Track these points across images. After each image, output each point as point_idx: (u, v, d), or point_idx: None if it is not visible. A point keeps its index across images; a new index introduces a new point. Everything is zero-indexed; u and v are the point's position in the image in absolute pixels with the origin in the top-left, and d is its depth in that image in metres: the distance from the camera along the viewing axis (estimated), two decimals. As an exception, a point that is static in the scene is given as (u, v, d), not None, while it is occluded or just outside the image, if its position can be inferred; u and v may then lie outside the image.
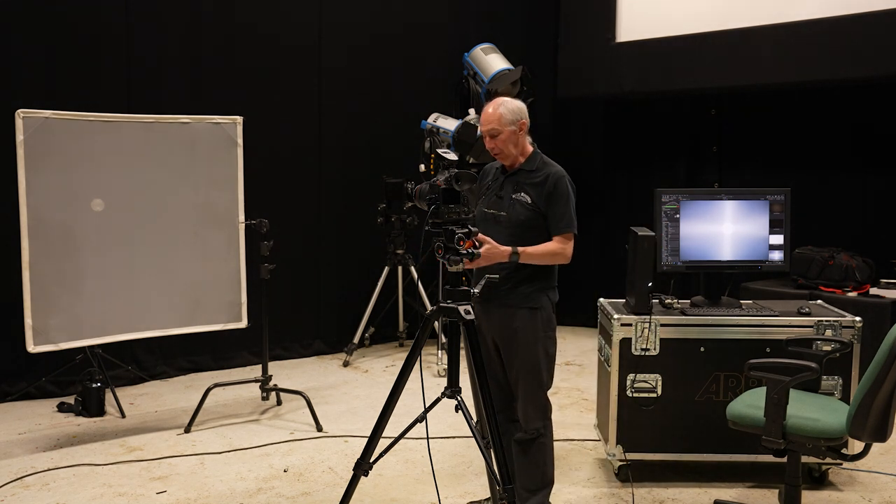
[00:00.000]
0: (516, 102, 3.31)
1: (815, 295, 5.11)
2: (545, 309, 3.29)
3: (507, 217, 3.25)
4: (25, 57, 5.13)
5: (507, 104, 3.27)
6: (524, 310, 3.25)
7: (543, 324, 3.28)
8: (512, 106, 3.27)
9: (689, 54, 6.20)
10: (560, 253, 3.24)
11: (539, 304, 3.27)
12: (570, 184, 3.27)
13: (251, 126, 5.00)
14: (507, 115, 3.24)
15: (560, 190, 3.22)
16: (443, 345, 5.97)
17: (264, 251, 4.76)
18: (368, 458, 3.00)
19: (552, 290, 3.35)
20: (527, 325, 3.24)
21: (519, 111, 3.27)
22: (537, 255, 3.20)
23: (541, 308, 3.28)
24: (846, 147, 6.08)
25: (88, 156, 4.32)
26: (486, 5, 7.15)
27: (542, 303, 3.29)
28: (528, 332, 3.24)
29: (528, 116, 3.32)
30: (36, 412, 4.97)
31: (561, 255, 3.25)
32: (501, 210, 3.26)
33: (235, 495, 3.76)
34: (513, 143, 3.25)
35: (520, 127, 3.26)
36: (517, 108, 3.27)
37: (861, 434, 2.94)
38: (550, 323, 3.32)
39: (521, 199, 3.24)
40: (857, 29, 5.41)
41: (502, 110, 3.24)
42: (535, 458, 3.31)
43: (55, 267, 4.24)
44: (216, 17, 5.85)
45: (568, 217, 3.24)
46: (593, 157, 7.43)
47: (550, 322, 3.32)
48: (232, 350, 5.98)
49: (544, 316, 3.29)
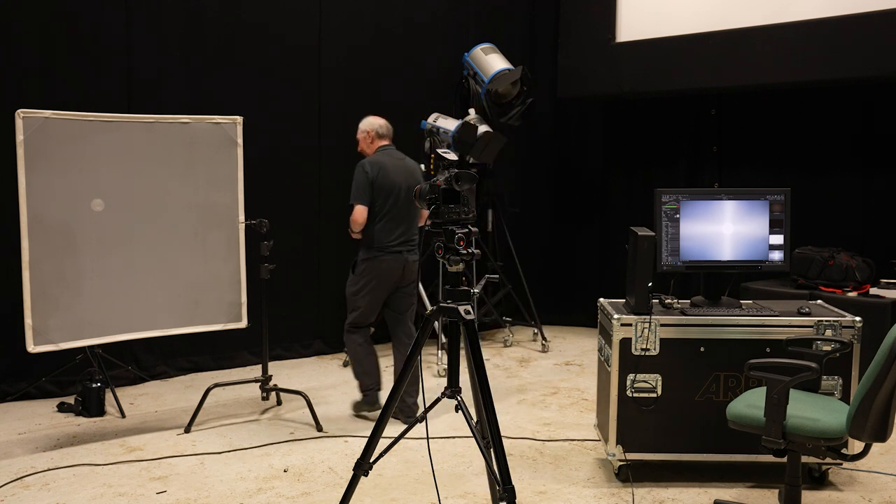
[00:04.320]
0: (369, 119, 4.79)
1: (815, 295, 5.11)
2: (361, 261, 4.68)
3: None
4: (25, 57, 5.13)
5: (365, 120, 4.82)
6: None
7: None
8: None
9: (689, 54, 6.20)
10: (351, 219, 4.62)
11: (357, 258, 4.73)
12: (361, 168, 4.62)
13: (251, 126, 5.01)
14: (361, 125, 4.82)
15: (355, 173, 4.63)
16: (443, 345, 5.97)
17: (264, 251, 4.76)
18: (368, 458, 3.00)
19: (364, 248, 4.68)
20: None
21: (367, 124, 4.81)
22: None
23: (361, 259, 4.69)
24: (846, 147, 6.08)
25: (88, 156, 4.32)
26: (486, 5, 7.15)
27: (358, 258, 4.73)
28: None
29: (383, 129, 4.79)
30: (36, 412, 4.97)
31: (351, 221, 4.63)
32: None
33: (235, 495, 3.76)
34: (365, 145, 4.80)
35: (367, 133, 4.79)
36: (367, 122, 4.81)
37: (861, 434, 2.94)
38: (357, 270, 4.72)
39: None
40: (857, 29, 5.41)
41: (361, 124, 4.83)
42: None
43: (55, 267, 4.24)
44: (216, 17, 5.85)
45: (352, 192, 4.61)
46: (593, 157, 7.44)
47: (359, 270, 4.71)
48: (232, 350, 5.99)
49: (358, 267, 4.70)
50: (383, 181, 4.59)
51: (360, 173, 4.58)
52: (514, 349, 6.63)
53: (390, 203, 4.62)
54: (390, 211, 4.62)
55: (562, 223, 7.54)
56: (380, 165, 4.61)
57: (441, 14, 6.93)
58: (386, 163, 4.65)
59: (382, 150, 4.74)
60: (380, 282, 4.66)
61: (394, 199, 4.62)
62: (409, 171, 4.75)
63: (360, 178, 4.56)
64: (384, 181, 4.59)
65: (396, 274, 4.66)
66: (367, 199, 4.56)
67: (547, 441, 4.47)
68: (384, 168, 4.62)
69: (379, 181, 4.58)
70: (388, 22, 6.64)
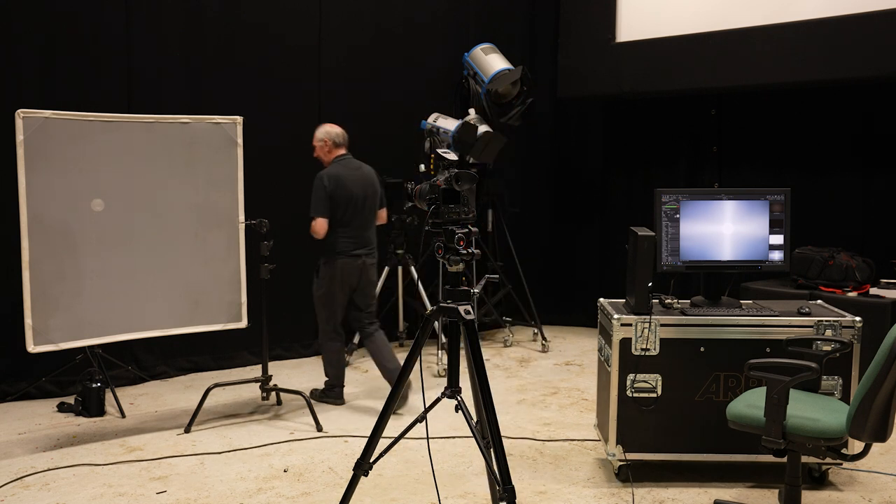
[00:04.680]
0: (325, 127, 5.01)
1: (815, 295, 5.11)
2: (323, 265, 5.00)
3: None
4: (25, 57, 5.13)
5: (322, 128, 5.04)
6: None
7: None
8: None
9: (689, 54, 6.20)
10: (312, 230, 4.90)
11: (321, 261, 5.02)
12: (320, 181, 4.86)
13: (251, 126, 5.01)
14: (318, 134, 5.02)
15: (313, 186, 4.87)
16: (443, 345, 5.97)
17: (264, 251, 4.76)
18: (368, 458, 3.00)
19: (326, 254, 4.97)
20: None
21: (324, 133, 5.00)
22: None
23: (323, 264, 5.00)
24: (846, 147, 6.08)
25: (88, 156, 4.32)
26: (486, 5, 7.14)
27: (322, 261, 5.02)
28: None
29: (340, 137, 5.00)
30: (36, 412, 4.97)
31: (312, 232, 4.89)
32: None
33: (235, 495, 3.76)
34: (322, 153, 5.03)
35: (325, 143, 4.99)
36: (324, 131, 5.02)
37: (861, 434, 2.94)
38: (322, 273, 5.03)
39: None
40: (857, 29, 5.41)
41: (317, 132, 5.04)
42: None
43: (55, 267, 4.24)
44: (216, 17, 5.85)
45: (312, 206, 4.86)
46: (593, 157, 7.44)
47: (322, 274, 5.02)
48: (232, 350, 5.99)
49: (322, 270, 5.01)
50: (341, 193, 4.89)
51: (319, 187, 4.85)
52: (514, 349, 6.64)
53: (349, 213, 4.92)
54: (349, 219, 4.94)
55: (562, 223, 7.54)
56: (337, 178, 4.89)
57: (441, 14, 6.93)
58: (343, 174, 4.93)
59: (340, 160, 4.99)
60: (342, 283, 4.99)
61: (352, 208, 4.93)
62: (367, 178, 5.04)
63: (320, 191, 4.85)
64: (342, 193, 4.89)
65: (355, 276, 5.00)
66: (326, 212, 4.86)
67: (547, 441, 4.47)
68: (341, 180, 4.90)
69: (337, 193, 4.87)
70: (388, 22, 6.64)
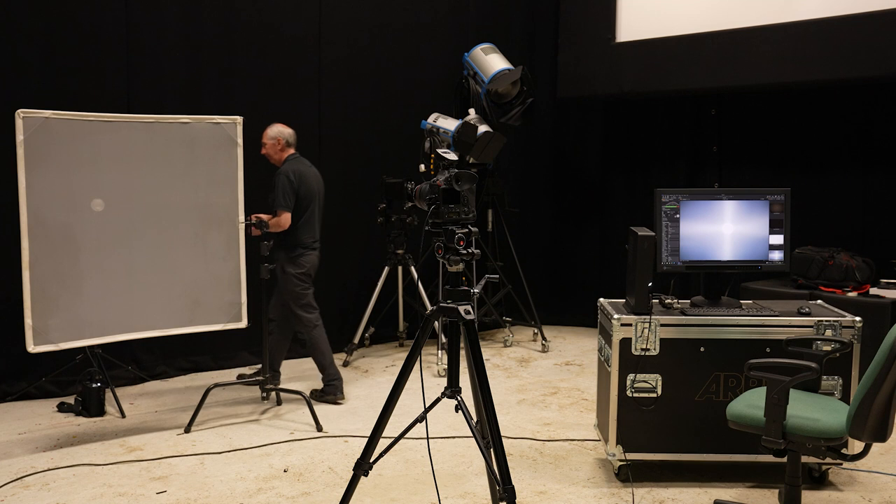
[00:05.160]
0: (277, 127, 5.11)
1: (815, 295, 5.11)
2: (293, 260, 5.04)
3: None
4: (25, 57, 5.13)
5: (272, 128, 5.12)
6: (283, 259, 5.02)
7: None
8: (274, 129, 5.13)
9: (689, 54, 6.20)
10: (275, 223, 4.90)
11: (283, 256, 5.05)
12: (286, 177, 4.94)
13: (251, 126, 5.01)
14: (270, 132, 5.09)
15: (279, 181, 4.93)
16: (443, 345, 5.97)
17: (264, 251, 4.76)
18: (368, 458, 3.01)
19: (289, 248, 5.02)
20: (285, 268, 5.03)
21: (277, 132, 5.09)
22: (271, 224, 4.90)
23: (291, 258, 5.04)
24: (846, 147, 6.08)
25: (88, 156, 4.32)
26: (486, 5, 7.15)
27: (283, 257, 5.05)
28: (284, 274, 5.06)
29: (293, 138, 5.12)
30: (36, 412, 4.97)
31: (276, 225, 4.89)
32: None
33: (235, 495, 3.77)
34: (273, 152, 5.11)
35: (277, 141, 5.07)
36: (277, 130, 5.10)
37: (861, 434, 2.94)
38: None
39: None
40: (857, 29, 5.41)
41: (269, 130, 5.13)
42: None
43: (55, 267, 4.23)
44: (216, 16, 5.85)
45: (279, 199, 4.91)
46: (593, 156, 7.44)
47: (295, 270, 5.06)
48: (232, 350, 5.98)
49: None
50: (305, 189, 5.03)
51: (286, 182, 4.96)
52: (514, 349, 6.63)
53: (311, 208, 5.07)
54: (310, 214, 5.08)
55: (562, 223, 7.54)
56: (300, 174, 5.04)
57: (441, 14, 6.93)
58: (304, 171, 5.09)
59: (295, 158, 5.12)
60: (313, 272, 5.15)
61: (313, 204, 5.09)
62: (319, 177, 5.22)
63: (287, 186, 4.95)
64: (306, 189, 5.04)
65: (317, 267, 5.17)
66: (291, 206, 4.96)
67: (547, 441, 4.47)
68: (304, 176, 5.06)
69: (301, 189, 5.01)
70: (388, 22, 6.64)
